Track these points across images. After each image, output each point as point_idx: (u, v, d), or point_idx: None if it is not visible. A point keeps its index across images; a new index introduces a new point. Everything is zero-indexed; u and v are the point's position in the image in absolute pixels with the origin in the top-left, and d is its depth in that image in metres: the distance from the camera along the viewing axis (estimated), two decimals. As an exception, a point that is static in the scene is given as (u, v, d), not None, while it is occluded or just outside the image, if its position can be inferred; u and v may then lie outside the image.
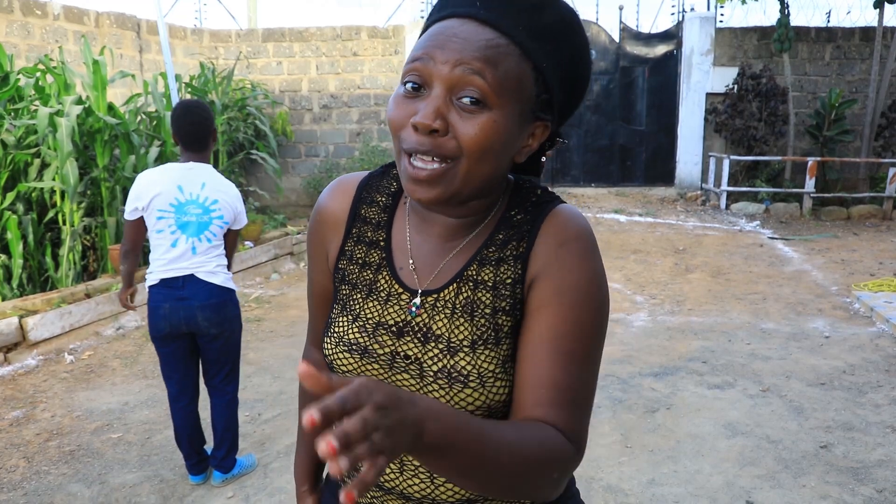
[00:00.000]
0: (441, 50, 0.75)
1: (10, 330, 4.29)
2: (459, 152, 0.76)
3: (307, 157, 10.52)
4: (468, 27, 0.76)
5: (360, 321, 0.88)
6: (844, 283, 6.12)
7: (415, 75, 0.77)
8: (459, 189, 0.79)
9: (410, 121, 0.76)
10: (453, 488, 0.89)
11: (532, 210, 0.87)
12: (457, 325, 0.83)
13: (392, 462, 0.82)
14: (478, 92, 0.74)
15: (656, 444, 3.21)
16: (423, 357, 0.84)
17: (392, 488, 0.92)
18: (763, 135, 10.01)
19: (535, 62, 0.78)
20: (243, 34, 10.44)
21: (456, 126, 0.76)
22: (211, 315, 2.68)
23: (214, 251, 2.71)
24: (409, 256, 0.89)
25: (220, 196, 2.68)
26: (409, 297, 0.87)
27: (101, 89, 5.80)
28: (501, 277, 0.84)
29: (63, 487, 2.89)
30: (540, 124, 0.83)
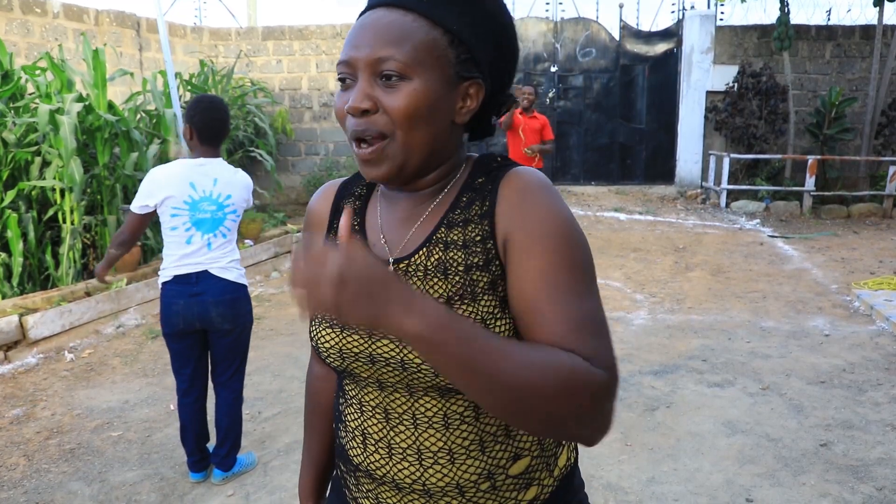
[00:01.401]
0: (356, 43, 0.84)
1: (11, 328, 4.29)
2: (392, 125, 0.83)
3: (307, 156, 10.51)
4: (376, 15, 0.84)
5: None
6: (844, 281, 6.12)
7: (343, 71, 0.85)
8: (405, 160, 0.86)
9: (346, 108, 0.84)
10: (441, 471, 0.89)
11: (492, 174, 0.91)
12: (431, 285, 0.86)
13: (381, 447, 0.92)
14: (393, 66, 0.81)
15: (656, 442, 3.21)
16: None
17: (382, 476, 0.93)
18: (763, 133, 10.01)
19: (445, 27, 0.84)
20: (243, 32, 10.43)
21: (383, 101, 0.83)
22: (224, 311, 2.70)
23: (228, 246, 2.74)
24: (381, 233, 0.94)
25: (232, 191, 2.71)
26: None
27: (101, 87, 5.80)
28: (470, 236, 0.87)
29: (63, 485, 2.90)
30: (472, 83, 0.88)
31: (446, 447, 0.89)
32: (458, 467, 0.90)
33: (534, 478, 0.94)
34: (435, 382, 0.85)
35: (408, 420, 0.90)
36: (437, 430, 0.89)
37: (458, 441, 0.89)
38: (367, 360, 0.88)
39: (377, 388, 0.91)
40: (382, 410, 0.91)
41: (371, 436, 0.93)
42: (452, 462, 0.89)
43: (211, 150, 2.71)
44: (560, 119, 10.84)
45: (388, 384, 0.90)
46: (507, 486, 0.92)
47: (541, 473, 0.95)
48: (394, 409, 0.91)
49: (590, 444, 0.79)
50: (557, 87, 10.87)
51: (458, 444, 0.89)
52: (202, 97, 2.75)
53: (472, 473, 0.90)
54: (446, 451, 0.89)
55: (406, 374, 0.86)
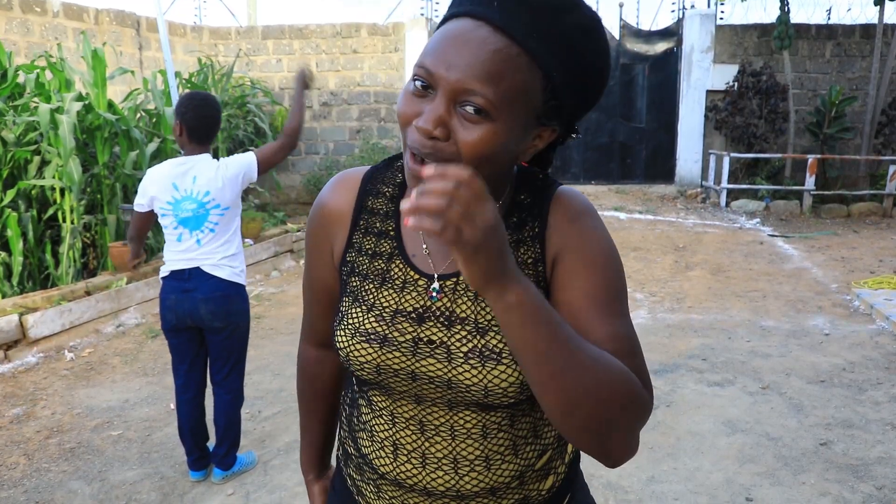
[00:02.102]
0: (450, 56, 0.75)
1: (11, 327, 4.29)
2: (458, 157, 0.77)
3: (307, 155, 10.51)
4: (481, 32, 0.75)
5: (376, 310, 0.88)
6: (844, 280, 6.12)
7: (423, 76, 0.77)
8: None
9: (414, 122, 0.77)
10: (477, 477, 0.90)
11: (538, 193, 0.90)
12: (484, 307, 0.84)
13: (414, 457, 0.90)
14: (480, 104, 0.74)
15: (656, 441, 3.21)
16: (450, 340, 0.84)
17: (414, 485, 0.92)
18: (763, 132, 10.01)
19: (545, 71, 0.77)
20: (243, 31, 10.43)
21: (457, 133, 0.76)
22: (214, 308, 2.69)
23: (219, 241, 2.72)
24: (423, 242, 0.89)
25: (212, 187, 2.67)
26: (427, 283, 0.87)
27: (101, 86, 5.80)
28: (523, 258, 0.86)
29: (63, 485, 2.90)
30: (546, 129, 0.84)
31: (483, 455, 0.90)
32: (493, 472, 0.91)
33: (551, 468, 0.97)
34: (482, 401, 0.84)
35: (445, 431, 0.89)
36: (475, 440, 0.89)
37: (494, 448, 0.90)
38: (407, 376, 0.87)
39: (414, 401, 0.89)
40: (418, 423, 0.90)
41: (403, 446, 0.92)
42: (488, 468, 0.90)
43: (199, 147, 2.71)
44: (560, 118, 10.82)
45: (426, 399, 0.88)
46: (531, 480, 0.94)
47: (556, 462, 0.98)
48: (430, 421, 0.90)
49: (616, 465, 0.78)
50: (557, 87, 10.86)
51: (494, 451, 0.90)
52: (194, 94, 2.74)
53: (506, 476, 0.91)
54: (483, 458, 0.90)
55: (451, 392, 0.85)
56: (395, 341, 0.86)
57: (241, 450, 3.07)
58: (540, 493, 0.96)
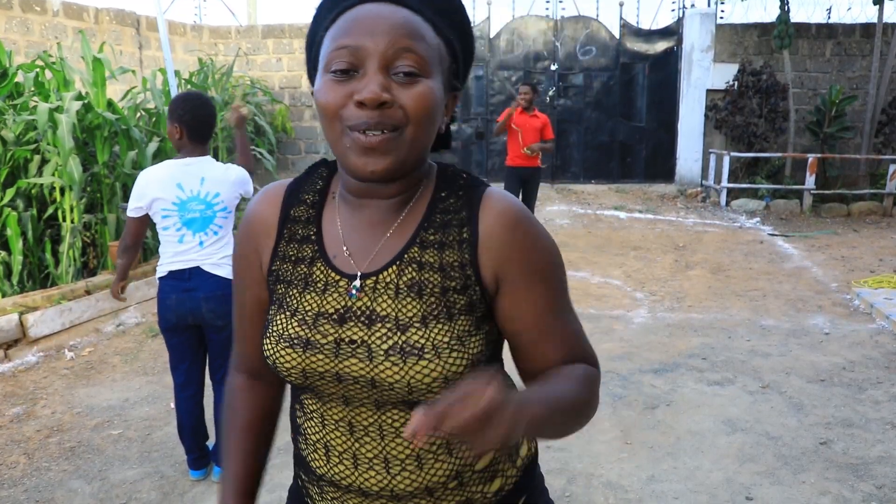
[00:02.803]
0: (369, 32, 0.79)
1: (11, 326, 4.29)
2: (406, 120, 0.80)
3: (307, 154, 10.51)
4: (384, 9, 0.80)
5: (299, 314, 0.88)
6: (844, 279, 6.12)
7: (343, 60, 0.79)
8: (406, 157, 0.82)
9: (356, 98, 0.78)
10: (410, 477, 0.89)
11: (464, 195, 0.90)
12: (404, 304, 0.85)
13: (345, 458, 0.91)
14: (412, 63, 0.79)
15: (656, 440, 3.21)
16: (370, 339, 0.84)
17: (349, 486, 0.92)
18: (763, 131, 10.00)
19: (444, 35, 0.85)
20: (243, 30, 10.43)
21: (398, 96, 0.79)
22: (216, 306, 2.69)
23: (220, 242, 2.73)
24: (343, 243, 0.90)
25: (221, 188, 2.69)
26: (348, 283, 0.87)
27: (100, 85, 5.79)
28: (448, 260, 0.86)
29: (64, 484, 2.90)
30: (451, 95, 0.90)
31: (414, 454, 0.89)
32: (426, 472, 0.90)
33: (497, 470, 0.96)
34: (406, 398, 0.85)
35: (374, 432, 0.89)
36: (403, 439, 0.88)
37: (425, 447, 0.89)
38: (332, 378, 0.86)
39: (342, 403, 0.89)
40: (347, 424, 0.90)
41: (335, 448, 0.92)
42: (420, 468, 0.89)
43: (199, 147, 2.70)
44: (560, 117, 10.83)
45: (354, 399, 0.88)
46: (472, 481, 0.93)
47: (504, 465, 0.96)
48: (359, 422, 0.89)
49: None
50: (558, 86, 10.86)
51: (425, 449, 0.89)
52: (189, 94, 2.73)
53: (440, 476, 0.90)
54: (414, 457, 0.89)
55: (375, 391, 0.85)
56: (318, 344, 0.86)
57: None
58: (485, 495, 0.94)
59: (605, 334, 4.76)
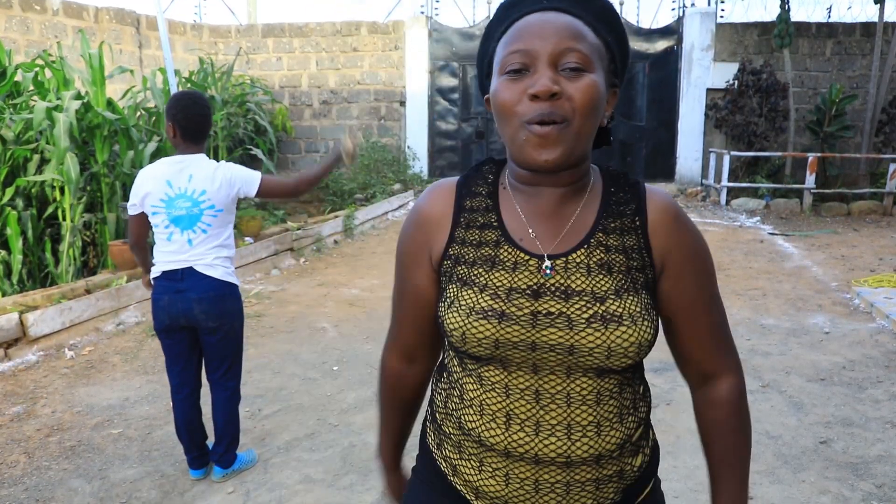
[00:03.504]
0: (538, 35, 0.90)
1: (11, 326, 4.29)
2: (573, 112, 0.90)
3: (307, 153, 10.51)
4: (549, 16, 0.92)
5: (490, 290, 0.96)
6: (844, 278, 6.12)
7: (517, 62, 0.90)
8: (574, 147, 0.92)
9: (529, 91, 0.89)
10: (588, 443, 0.97)
11: (630, 190, 1.02)
12: (598, 281, 0.95)
13: (527, 425, 0.97)
14: (577, 59, 0.90)
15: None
16: (569, 310, 0.93)
17: (524, 453, 0.97)
18: (763, 130, 10.00)
19: (602, 37, 0.95)
20: (243, 30, 10.43)
21: (566, 88, 0.90)
22: (208, 308, 2.68)
23: (213, 242, 2.71)
24: (528, 227, 0.99)
25: (208, 186, 2.66)
26: (538, 263, 0.96)
27: (99, 84, 5.80)
28: (628, 244, 0.98)
29: (64, 483, 2.90)
30: (612, 91, 1.00)
31: (595, 421, 0.97)
32: (602, 438, 0.97)
33: (640, 446, 1.04)
34: (603, 363, 0.94)
35: (560, 399, 0.96)
36: (589, 405, 0.96)
37: (605, 415, 0.97)
38: (527, 347, 0.94)
39: (531, 371, 0.96)
40: (533, 392, 0.96)
41: (517, 416, 0.97)
42: (599, 434, 0.97)
43: (194, 146, 2.69)
44: (560, 116, 10.83)
45: (544, 367, 0.96)
46: (627, 453, 1.01)
47: (644, 442, 1.06)
48: (546, 389, 0.96)
49: None
50: (557, 85, 10.86)
51: (605, 417, 0.97)
52: (183, 94, 2.72)
53: (612, 444, 0.98)
54: (595, 424, 0.97)
55: (573, 357, 0.94)
56: (514, 315, 0.94)
57: (240, 448, 3.07)
58: (633, 468, 1.03)
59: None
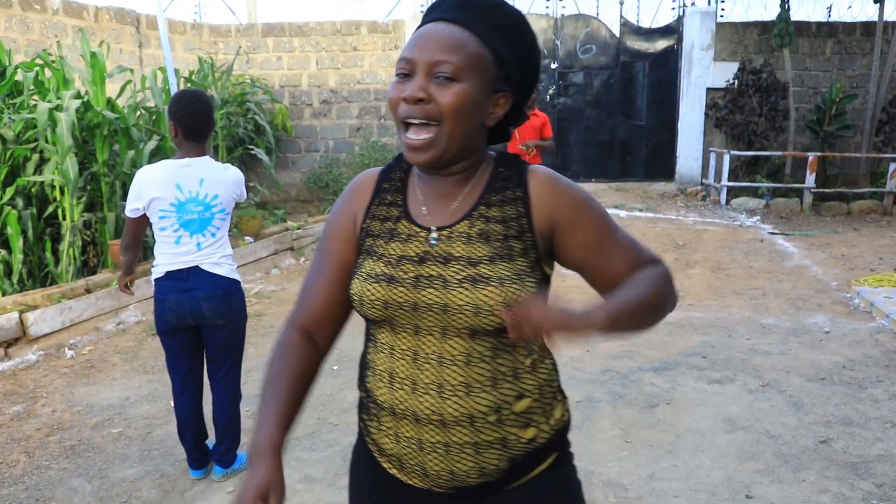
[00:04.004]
0: (421, 46, 1.05)
1: (11, 325, 4.29)
2: (441, 115, 1.04)
3: (307, 153, 10.50)
4: (440, 27, 1.06)
5: (385, 258, 1.11)
6: (844, 278, 6.12)
7: (404, 67, 1.06)
8: (446, 149, 1.06)
9: (401, 95, 1.05)
10: (459, 402, 1.06)
11: (515, 168, 1.15)
12: (475, 248, 1.08)
13: (405, 384, 1.09)
14: (448, 69, 1.03)
15: (656, 438, 3.21)
16: (446, 273, 1.07)
17: (404, 410, 1.09)
18: (763, 130, 10.00)
19: (492, 47, 1.06)
20: (243, 29, 10.42)
21: (436, 95, 1.03)
22: (216, 305, 2.68)
23: (218, 243, 2.72)
24: (423, 205, 1.14)
25: (220, 190, 2.68)
26: (427, 234, 1.11)
27: (99, 84, 5.79)
28: (507, 214, 1.10)
29: (64, 482, 2.90)
30: (503, 95, 1.11)
31: (465, 382, 1.07)
32: (472, 399, 1.07)
33: (532, 419, 1.12)
34: (472, 323, 1.04)
35: (434, 359, 1.07)
36: (459, 366, 1.07)
37: (475, 377, 1.07)
38: (410, 307, 1.07)
39: (412, 333, 1.09)
40: (412, 353, 1.09)
41: (398, 374, 1.09)
42: (468, 394, 1.07)
43: (197, 146, 2.67)
44: (560, 116, 10.83)
45: (423, 328, 1.08)
46: (510, 422, 1.09)
47: (538, 418, 1.13)
48: (423, 349, 1.08)
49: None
50: (558, 84, 10.86)
51: (475, 379, 1.07)
52: (184, 92, 2.70)
53: (483, 406, 1.07)
54: (464, 385, 1.07)
55: (446, 315, 1.05)
56: (400, 279, 1.08)
57: (241, 447, 3.07)
58: (520, 439, 1.11)
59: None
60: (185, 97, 2.67)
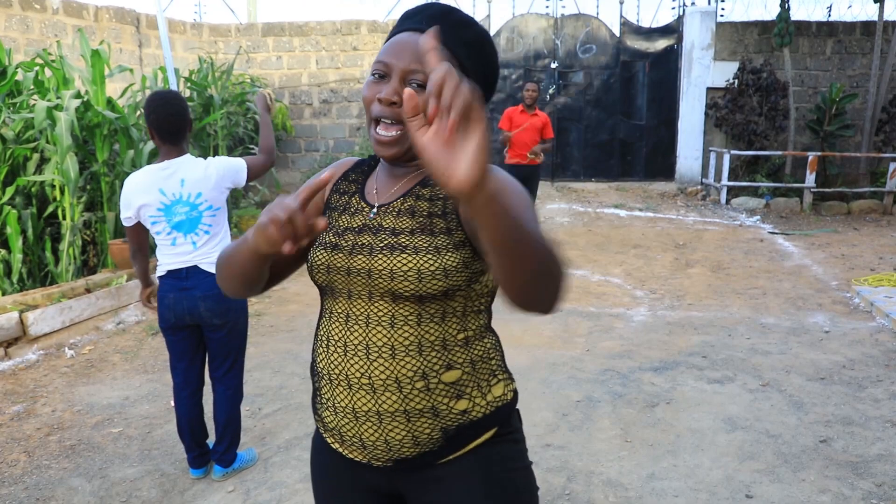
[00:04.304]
0: (398, 53, 1.13)
1: (11, 325, 4.29)
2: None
3: (307, 152, 10.51)
4: (415, 37, 1.13)
5: (334, 228, 1.22)
6: (844, 277, 6.12)
7: (380, 69, 1.15)
8: (410, 146, 1.12)
9: (377, 96, 1.13)
10: (384, 364, 1.13)
11: None
12: (400, 221, 1.16)
13: (338, 346, 1.16)
14: (421, 78, 1.11)
15: (656, 438, 3.21)
16: (374, 241, 1.16)
17: (338, 374, 1.16)
18: (763, 129, 10.00)
19: (460, 60, 1.14)
20: (243, 28, 10.42)
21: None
22: (213, 305, 2.68)
23: (215, 241, 2.71)
24: (375, 186, 1.26)
25: (202, 188, 2.65)
26: (370, 209, 1.22)
27: (100, 83, 5.79)
28: (436, 194, 1.18)
29: (64, 481, 2.90)
30: None
31: (389, 343, 1.13)
32: (398, 362, 1.13)
33: (464, 392, 1.17)
34: (389, 287, 1.11)
35: (362, 320, 1.15)
36: (383, 328, 1.14)
37: (399, 340, 1.13)
38: (344, 272, 1.16)
39: (346, 297, 1.17)
40: (345, 315, 1.17)
41: (332, 337, 1.18)
42: (393, 357, 1.13)
43: (175, 148, 2.65)
44: (560, 115, 10.83)
45: (354, 293, 1.16)
46: (439, 391, 1.14)
47: (472, 391, 1.17)
48: (353, 313, 1.16)
49: (549, 311, 1.00)
50: (558, 84, 10.86)
51: (399, 342, 1.13)
52: (155, 94, 2.68)
53: (409, 370, 1.13)
54: (389, 347, 1.13)
55: (370, 279, 1.13)
56: (340, 246, 1.18)
57: (241, 447, 3.07)
58: (451, 410, 1.15)
59: (605, 332, 4.76)
60: (156, 100, 2.63)
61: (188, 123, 2.69)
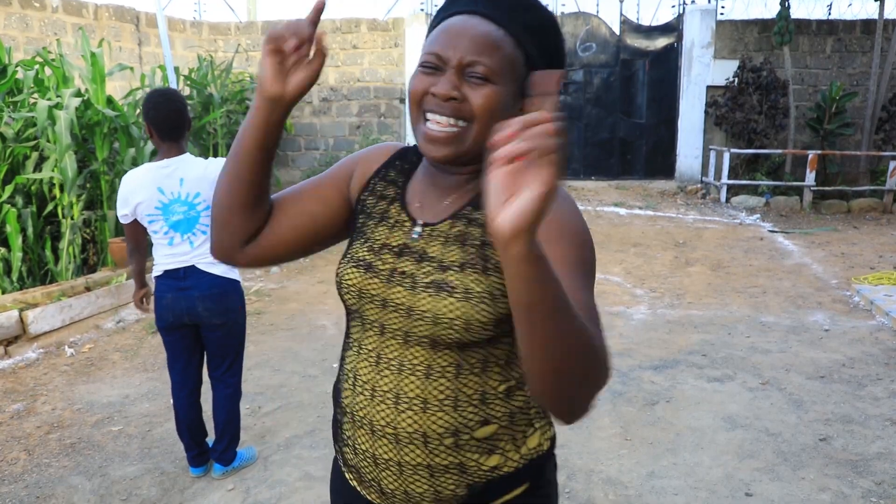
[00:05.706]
0: (455, 39, 0.96)
1: (11, 323, 4.29)
2: (472, 116, 0.95)
3: (307, 150, 10.50)
4: (474, 21, 0.97)
5: (370, 243, 1.06)
6: (844, 276, 6.12)
7: (432, 59, 0.96)
8: (468, 149, 0.97)
9: (431, 90, 0.95)
10: (413, 417, 0.99)
11: None
12: (449, 251, 1.00)
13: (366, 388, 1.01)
14: (482, 71, 0.94)
15: (656, 436, 3.21)
16: (417, 273, 1.00)
17: (362, 418, 1.03)
18: (763, 128, 9.99)
19: (526, 49, 0.98)
20: (242, 27, 10.41)
21: (468, 95, 0.95)
22: (212, 305, 2.68)
23: None
24: (419, 195, 1.08)
25: (201, 187, 2.64)
26: (411, 226, 1.05)
27: (99, 82, 5.79)
28: None
29: (64, 480, 2.90)
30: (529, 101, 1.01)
31: (421, 396, 0.99)
32: (428, 417, 0.99)
33: (497, 446, 1.02)
34: (431, 332, 0.96)
35: (394, 366, 1.01)
36: (417, 378, 0.99)
37: (434, 394, 0.99)
38: (379, 303, 1.01)
39: (378, 332, 1.03)
40: (376, 355, 1.03)
41: (360, 377, 1.04)
42: (424, 411, 0.99)
43: (174, 146, 2.64)
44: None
45: (388, 330, 1.01)
46: (469, 447, 1.00)
47: (505, 444, 1.03)
48: (385, 354, 1.02)
49: (570, 422, 0.85)
50: (557, 82, 10.85)
51: (433, 395, 0.99)
52: (154, 91, 2.67)
53: (439, 426, 0.99)
54: (421, 400, 0.99)
55: (410, 320, 0.98)
56: (377, 269, 1.02)
57: (241, 445, 3.07)
58: (480, 466, 1.01)
59: (605, 330, 4.76)
60: (155, 97, 2.62)
61: (187, 121, 2.69)
